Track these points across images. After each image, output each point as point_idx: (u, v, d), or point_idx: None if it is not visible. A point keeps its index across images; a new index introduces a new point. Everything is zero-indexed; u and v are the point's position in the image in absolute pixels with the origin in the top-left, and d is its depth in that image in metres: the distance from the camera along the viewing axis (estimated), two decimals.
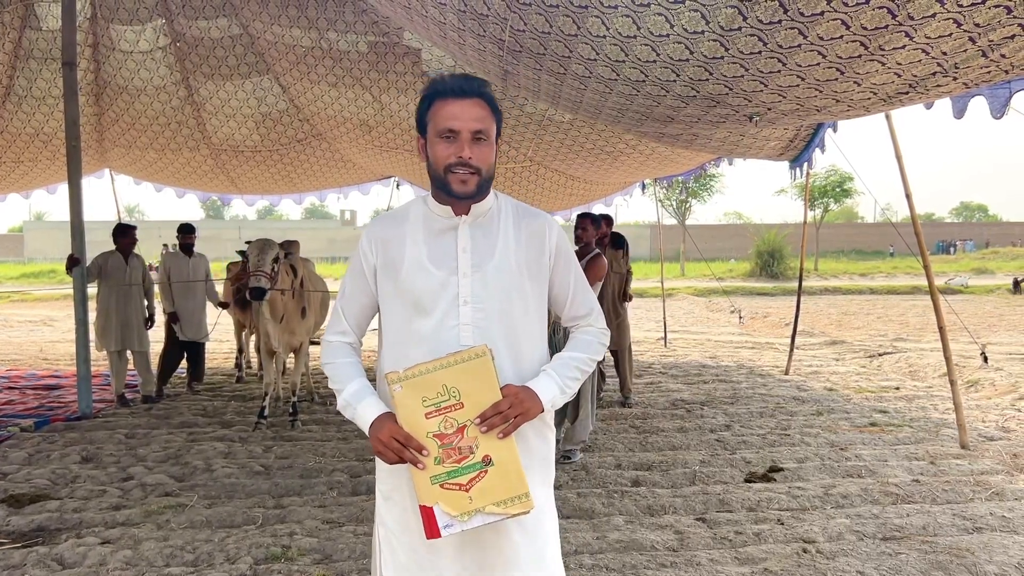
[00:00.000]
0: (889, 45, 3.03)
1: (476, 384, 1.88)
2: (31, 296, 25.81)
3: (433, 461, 1.87)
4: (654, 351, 11.93)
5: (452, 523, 1.85)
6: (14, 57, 7.82)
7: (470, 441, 1.87)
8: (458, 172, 1.95)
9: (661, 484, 5.14)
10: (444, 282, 2.01)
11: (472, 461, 1.87)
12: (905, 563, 3.79)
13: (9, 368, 10.38)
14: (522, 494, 1.87)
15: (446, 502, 1.85)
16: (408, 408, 1.89)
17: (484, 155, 1.97)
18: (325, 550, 3.99)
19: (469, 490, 1.85)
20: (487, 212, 2.08)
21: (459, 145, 1.94)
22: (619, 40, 3.48)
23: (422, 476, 1.87)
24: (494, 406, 1.88)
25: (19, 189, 11.07)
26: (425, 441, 1.88)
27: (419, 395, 1.88)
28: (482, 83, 1.99)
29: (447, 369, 1.88)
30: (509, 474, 1.87)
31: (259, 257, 6.12)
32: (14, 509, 4.63)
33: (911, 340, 13.04)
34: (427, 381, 1.88)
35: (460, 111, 1.94)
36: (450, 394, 1.88)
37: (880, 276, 33.01)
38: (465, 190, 1.97)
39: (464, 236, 2.04)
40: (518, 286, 2.04)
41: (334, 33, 7.08)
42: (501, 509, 1.86)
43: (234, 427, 6.75)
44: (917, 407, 7.53)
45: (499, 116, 2.03)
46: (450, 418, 1.88)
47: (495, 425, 1.87)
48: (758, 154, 6.97)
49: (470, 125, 1.94)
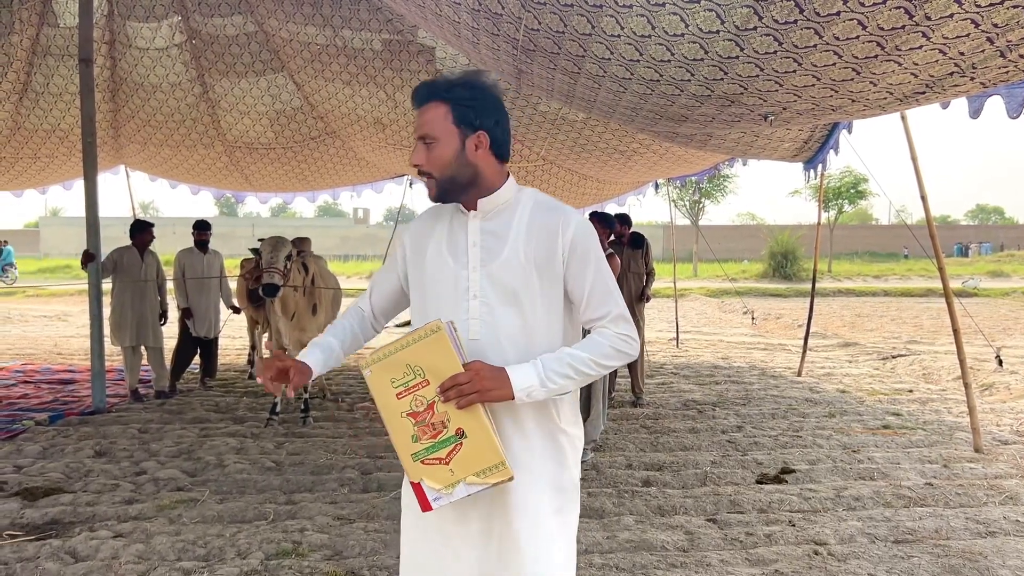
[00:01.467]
0: (906, 45, 3.01)
1: (437, 360, 1.90)
2: (46, 291, 25.99)
3: (411, 439, 1.91)
4: (666, 351, 11.90)
5: (440, 496, 1.90)
6: (31, 54, 7.87)
7: (441, 416, 1.90)
8: (422, 179, 2.03)
9: (672, 484, 5.13)
10: (456, 275, 2.03)
11: (447, 435, 1.90)
12: (917, 566, 3.77)
13: (24, 362, 10.47)
14: (498, 463, 1.88)
15: (430, 477, 1.90)
16: (380, 390, 1.94)
17: (433, 158, 1.99)
18: (336, 546, 4.00)
19: (449, 463, 1.89)
20: (502, 206, 2.06)
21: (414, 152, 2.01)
22: (634, 39, 3.48)
23: (405, 454, 1.92)
24: (451, 378, 1.87)
25: (36, 185, 11.14)
26: (401, 421, 1.92)
27: (388, 377, 1.93)
28: (434, 84, 2.01)
29: (407, 348, 1.91)
30: (482, 445, 1.89)
31: (272, 254, 6.15)
32: (28, 502, 4.66)
33: (925, 343, 12.96)
34: (392, 362, 1.92)
35: (417, 119, 2.01)
36: (415, 372, 1.91)
37: (894, 278, 32.80)
38: (430, 194, 2.04)
39: (474, 231, 2.05)
40: (525, 281, 1.99)
41: (348, 31, 7.10)
42: (481, 479, 1.89)
43: (246, 423, 6.78)
44: (931, 410, 7.48)
45: (463, 107, 1.98)
46: (419, 396, 1.91)
47: (451, 398, 1.87)
48: (772, 155, 6.94)
49: (419, 132, 2.00)
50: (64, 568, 3.71)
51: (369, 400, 7.72)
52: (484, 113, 2.01)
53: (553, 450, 2.05)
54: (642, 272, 7.65)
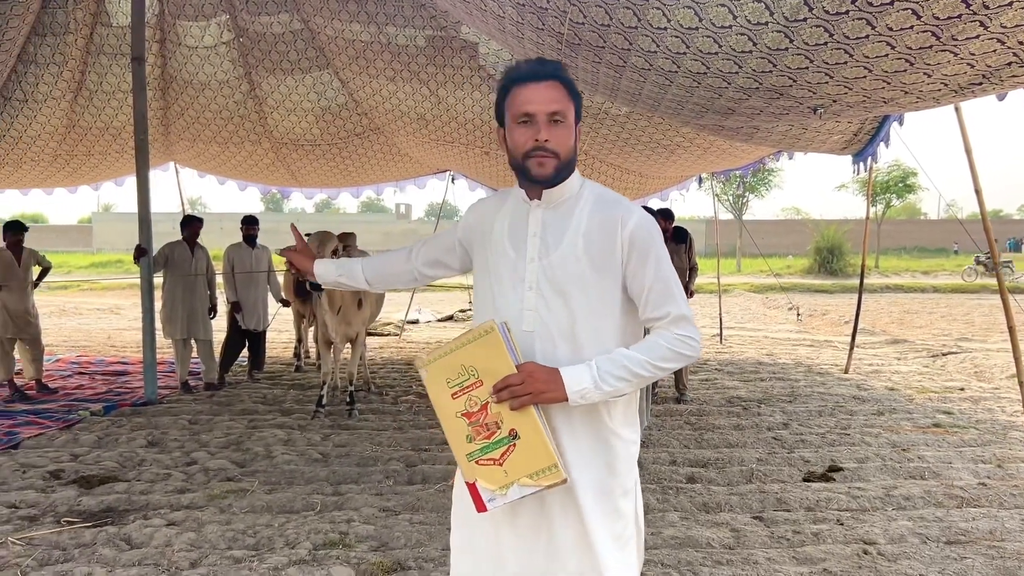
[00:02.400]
0: (962, 35, 2.94)
1: (491, 361, 1.89)
2: (99, 285, 26.64)
3: (465, 439, 1.92)
4: (709, 348, 11.79)
5: (494, 497, 1.90)
6: (86, 53, 8.07)
7: (495, 417, 1.90)
8: (536, 156, 1.92)
9: (717, 481, 5.09)
10: (515, 265, 2.01)
11: (500, 436, 1.90)
12: (971, 568, 3.70)
13: (79, 355, 10.75)
14: (550, 465, 1.87)
15: (484, 477, 1.90)
16: (436, 390, 1.94)
17: (561, 138, 1.93)
18: (382, 537, 4.05)
19: (503, 464, 1.89)
20: (565, 198, 2.02)
21: (535, 128, 1.91)
22: (680, 32, 3.45)
23: (460, 454, 1.92)
24: (504, 379, 1.86)
25: (89, 181, 11.41)
26: (456, 421, 1.92)
27: (443, 376, 1.93)
28: (557, 66, 1.96)
29: (462, 349, 1.91)
30: (535, 446, 1.88)
31: (319, 249, 6.22)
32: (85, 490, 4.80)
33: (976, 340, 12.66)
34: (447, 363, 1.92)
35: (535, 94, 1.91)
36: (469, 373, 1.91)
37: (943, 274, 32.07)
38: (543, 173, 1.93)
39: (535, 221, 2.01)
40: (580, 275, 1.94)
41: (393, 28, 7.15)
42: (534, 481, 1.88)
43: (293, 415, 6.88)
44: (983, 409, 7.31)
45: (578, 99, 1.99)
46: (473, 396, 1.91)
47: (503, 399, 1.86)
48: (820, 148, 6.83)
49: (546, 107, 1.90)
50: (119, 554, 3.81)
51: (413, 394, 7.78)
52: (581, 107, 2.03)
53: (603, 451, 1.97)
54: (685, 267, 7.59)
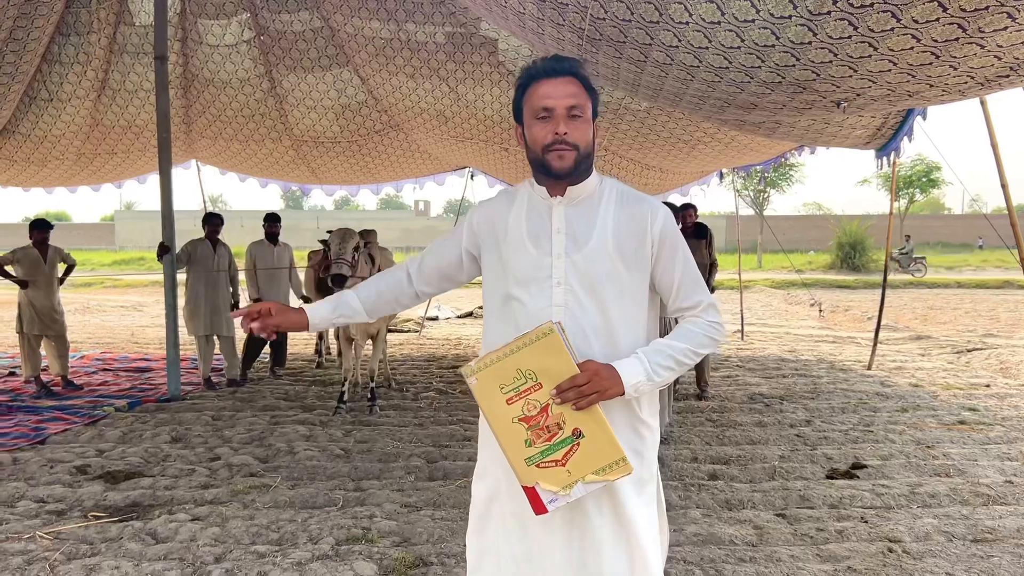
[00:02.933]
0: (989, 27, 2.90)
1: (550, 362, 1.86)
2: (123, 282, 26.93)
3: (524, 444, 1.87)
4: (731, 344, 11.73)
5: (556, 498, 1.87)
6: (109, 52, 8.15)
7: (556, 419, 1.87)
8: (555, 149, 1.93)
9: (739, 478, 5.06)
10: (539, 262, 2.00)
11: (563, 437, 1.87)
12: (998, 566, 3.65)
13: (104, 351, 10.87)
14: (619, 459, 1.86)
15: (545, 480, 1.87)
16: (488, 398, 1.89)
17: (580, 131, 1.95)
18: (404, 533, 4.06)
19: (566, 464, 1.86)
20: (587, 194, 2.04)
21: (554, 122, 1.93)
22: (702, 26, 3.43)
23: (518, 459, 1.88)
24: (570, 379, 1.85)
25: (112, 179, 11.53)
26: (512, 427, 1.88)
27: (496, 384, 1.89)
28: (574, 62, 1.97)
29: (518, 353, 1.87)
30: (601, 443, 1.86)
31: (340, 245, 6.28)
32: (111, 485, 4.85)
33: (1002, 336, 12.50)
34: (500, 369, 1.88)
35: (553, 89, 1.93)
36: (526, 377, 1.87)
37: (968, 269, 31.72)
38: (562, 165, 1.94)
39: (559, 217, 2.02)
40: (612, 271, 1.98)
41: (412, 24, 7.16)
42: (601, 476, 1.86)
43: (315, 411, 6.92)
44: (1009, 405, 7.22)
45: (595, 95, 2.00)
46: (531, 400, 1.87)
47: (569, 399, 1.85)
48: (843, 142, 6.77)
49: (564, 102, 1.92)
50: (145, 549, 3.85)
51: (434, 390, 7.79)
52: (598, 104, 2.05)
53: (635, 441, 2.02)
54: (706, 262, 7.55)
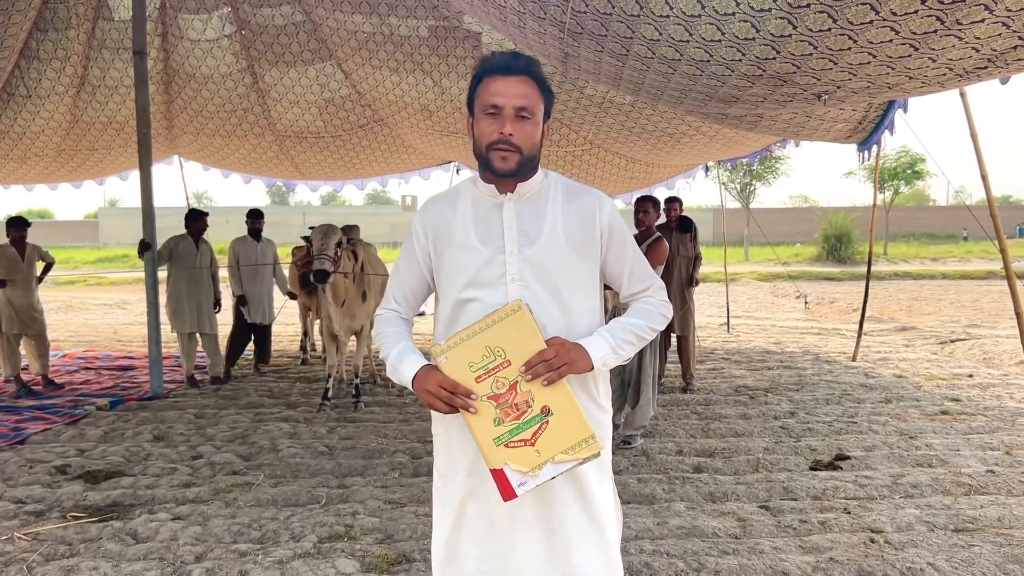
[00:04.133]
0: (967, 19, 2.91)
1: (519, 340, 1.87)
2: (106, 280, 26.75)
3: (493, 423, 1.86)
4: (716, 337, 11.77)
5: (525, 480, 1.85)
6: (88, 47, 8.06)
7: (525, 396, 1.87)
8: (499, 149, 1.93)
9: (723, 471, 5.07)
10: (491, 260, 2.00)
11: (531, 415, 1.86)
12: (979, 556, 3.67)
13: (86, 349, 10.79)
14: (588, 436, 1.86)
15: (514, 460, 1.85)
16: (457, 376, 1.89)
17: (526, 133, 1.94)
18: (387, 530, 4.04)
19: (535, 443, 1.85)
20: (535, 191, 2.06)
21: (501, 122, 1.92)
22: (683, 19, 3.42)
23: (486, 439, 1.86)
24: (539, 354, 1.86)
25: (93, 176, 11.44)
26: (481, 405, 1.87)
27: (465, 361, 1.88)
28: (530, 61, 1.96)
29: (488, 331, 1.88)
30: (570, 420, 1.86)
31: (323, 241, 6.23)
32: (91, 485, 4.81)
33: (985, 326, 12.60)
34: (470, 346, 1.88)
35: (504, 87, 1.92)
36: (495, 354, 1.88)
37: (952, 261, 31.95)
38: (505, 167, 1.95)
39: (510, 214, 2.02)
40: (566, 264, 2.01)
41: (395, 18, 7.12)
42: (570, 456, 1.86)
43: (299, 408, 6.89)
44: (992, 395, 7.27)
45: (548, 95, 2.00)
46: (500, 378, 1.87)
47: (539, 374, 1.86)
48: (825, 136, 6.78)
49: (513, 101, 1.92)
50: (125, 549, 3.82)
51: None
52: (552, 105, 2.04)
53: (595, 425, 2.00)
54: (691, 256, 7.56)
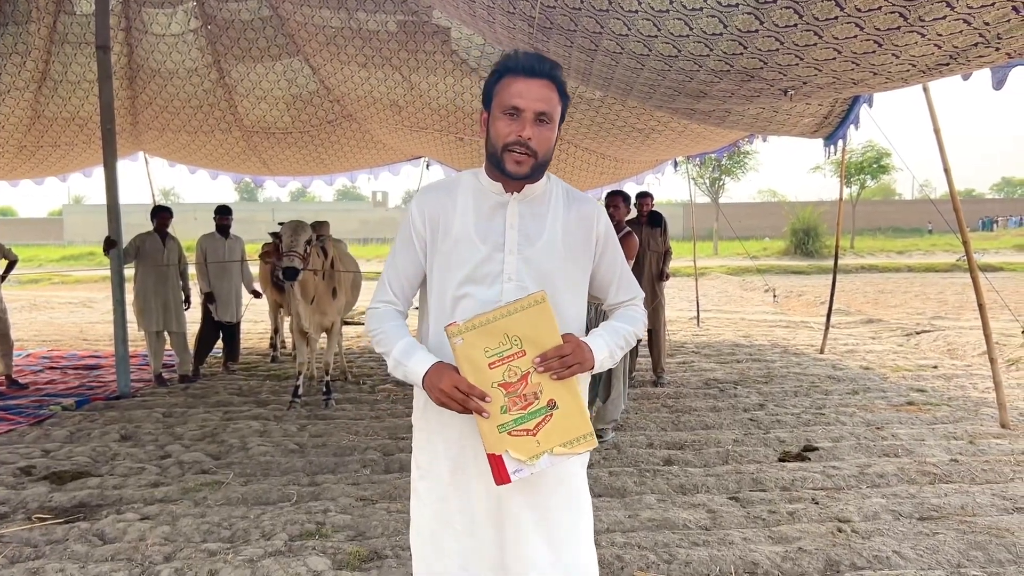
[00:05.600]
0: (929, 16, 2.95)
1: (537, 331, 1.86)
2: (71, 278, 26.33)
3: (499, 410, 1.85)
4: (686, 330, 11.85)
5: (521, 468, 1.85)
6: (49, 42, 7.91)
7: (534, 388, 1.86)
8: (515, 151, 1.91)
9: (693, 463, 5.12)
10: (489, 257, 1.99)
11: (538, 407, 1.86)
12: (943, 543, 3.74)
13: (50, 349, 10.61)
14: (587, 433, 1.88)
15: (514, 448, 1.85)
16: (471, 360, 1.85)
17: (544, 138, 1.93)
18: (359, 527, 4.03)
19: (536, 434, 1.86)
20: (539, 192, 2.06)
21: (520, 124, 1.91)
22: (651, 15, 3.43)
23: (489, 426, 1.85)
24: (556, 348, 1.86)
25: (56, 172, 11.24)
26: (490, 391, 1.85)
27: (481, 346, 1.85)
28: (554, 65, 1.95)
29: (508, 318, 1.85)
30: (573, 415, 1.87)
31: (292, 238, 6.18)
32: (56, 486, 4.73)
33: (950, 318, 12.82)
34: (487, 332, 1.85)
35: (527, 90, 1.90)
36: (512, 342, 1.86)
37: (918, 254, 32.46)
38: (519, 171, 1.94)
39: (513, 213, 2.02)
40: (562, 268, 2.03)
41: (363, 13, 7.07)
42: (568, 449, 1.87)
43: (269, 406, 6.83)
44: (956, 386, 7.41)
45: (566, 101, 1.99)
46: (513, 367, 1.86)
47: (553, 368, 1.85)
48: (791, 131, 6.86)
49: (535, 105, 1.90)
50: (92, 550, 3.77)
51: (391, 383, 7.74)
52: (567, 109, 2.04)
53: None
54: (661, 251, 7.61)
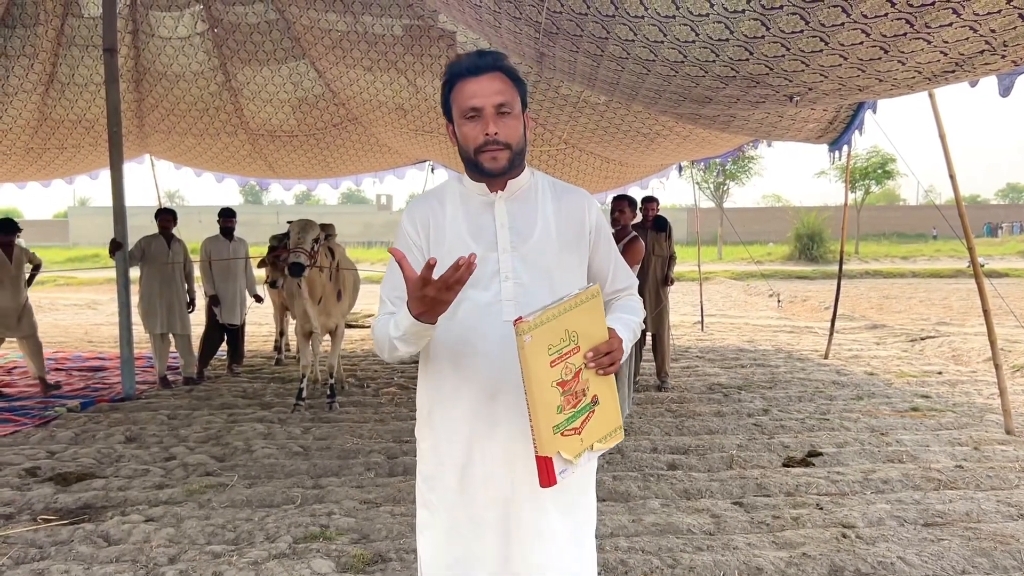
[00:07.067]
0: (936, 23, 2.95)
1: (591, 326, 1.83)
2: (76, 280, 26.38)
3: (555, 410, 1.78)
4: (691, 335, 11.85)
5: (566, 468, 1.80)
6: (57, 45, 7.94)
7: (584, 384, 1.83)
8: (488, 150, 1.92)
9: (697, 468, 5.11)
10: (483, 258, 1.97)
11: (584, 403, 1.83)
12: (947, 549, 3.73)
13: (56, 350, 10.62)
14: (618, 427, 1.88)
15: (564, 449, 1.80)
16: (536, 358, 1.76)
17: (511, 127, 1.93)
18: (363, 530, 4.03)
19: (581, 432, 1.82)
20: (524, 188, 2.05)
21: (484, 123, 1.91)
22: (657, 20, 3.44)
23: (547, 426, 1.77)
24: (607, 343, 1.83)
25: (62, 175, 11.27)
26: (549, 391, 1.78)
27: (545, 344, 1.78)
28: (497, 56, 1.95)
29: (568, 314, 1.79)
30: (610, 411, 1.86)
31: (300, 235, 6.21)
32: (62, 487, 4.75)
33: (954, 324, 12.79)
34: (552, 328, 1.78)
35: (479, 88, 1.91)
36: (570, 339, 1.80)
37: (922, 259, 32.39)
38: (496, 166, 1.94)
39: (502, 212, 2.02)
40: (559, 261, 2.01)
41: (369, 17, 7.09)
42: (604, 444, 1.86)
43: (273, 409, 6.85)
44: (961, 392, 7.39)
45: (522, 87, 1.98)
46: (569, 364, 1.80)
47: (603, 365, 1.82)
48: (796, 136, 6.85)
49: (491, 100, 1.90)
50: (97, 551, 3.78)
51: (396, 385, 7.75)
52: (527, 94, 2.02)
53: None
54: (666, 255, 7.61)
